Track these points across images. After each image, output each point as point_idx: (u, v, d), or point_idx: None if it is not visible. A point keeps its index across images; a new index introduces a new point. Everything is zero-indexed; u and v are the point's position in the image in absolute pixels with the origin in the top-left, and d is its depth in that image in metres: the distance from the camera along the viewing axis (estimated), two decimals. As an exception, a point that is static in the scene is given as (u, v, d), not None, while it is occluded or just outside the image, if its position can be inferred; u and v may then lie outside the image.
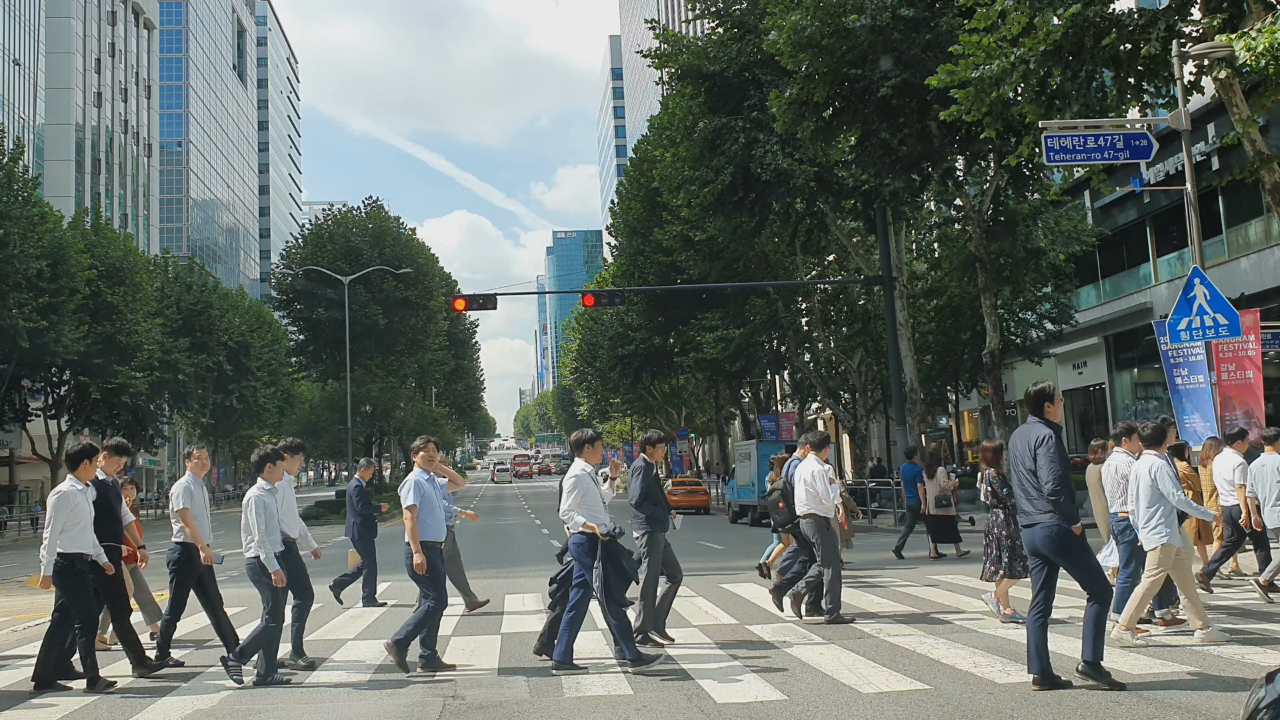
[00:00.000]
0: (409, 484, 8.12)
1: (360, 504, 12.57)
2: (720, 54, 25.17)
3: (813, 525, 9.95)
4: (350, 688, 7.62)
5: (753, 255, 34.06)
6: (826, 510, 9.94)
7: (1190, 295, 13.69)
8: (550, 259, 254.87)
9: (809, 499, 9.97)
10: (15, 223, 36.09)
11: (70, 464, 7.96)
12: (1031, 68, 14.52)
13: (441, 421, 71.02)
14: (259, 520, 7.71)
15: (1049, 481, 6.56)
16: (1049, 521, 6.60)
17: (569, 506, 8.02)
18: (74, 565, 7.68)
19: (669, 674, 7.62)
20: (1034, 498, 6.71)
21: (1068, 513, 6.58)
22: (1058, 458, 6.61)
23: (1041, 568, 6.79)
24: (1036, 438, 6.71)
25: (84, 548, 7.73)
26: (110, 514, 8.41)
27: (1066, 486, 6.60)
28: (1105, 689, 6.49)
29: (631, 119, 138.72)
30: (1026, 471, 6.75)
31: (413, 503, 7.96)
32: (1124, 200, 29.05)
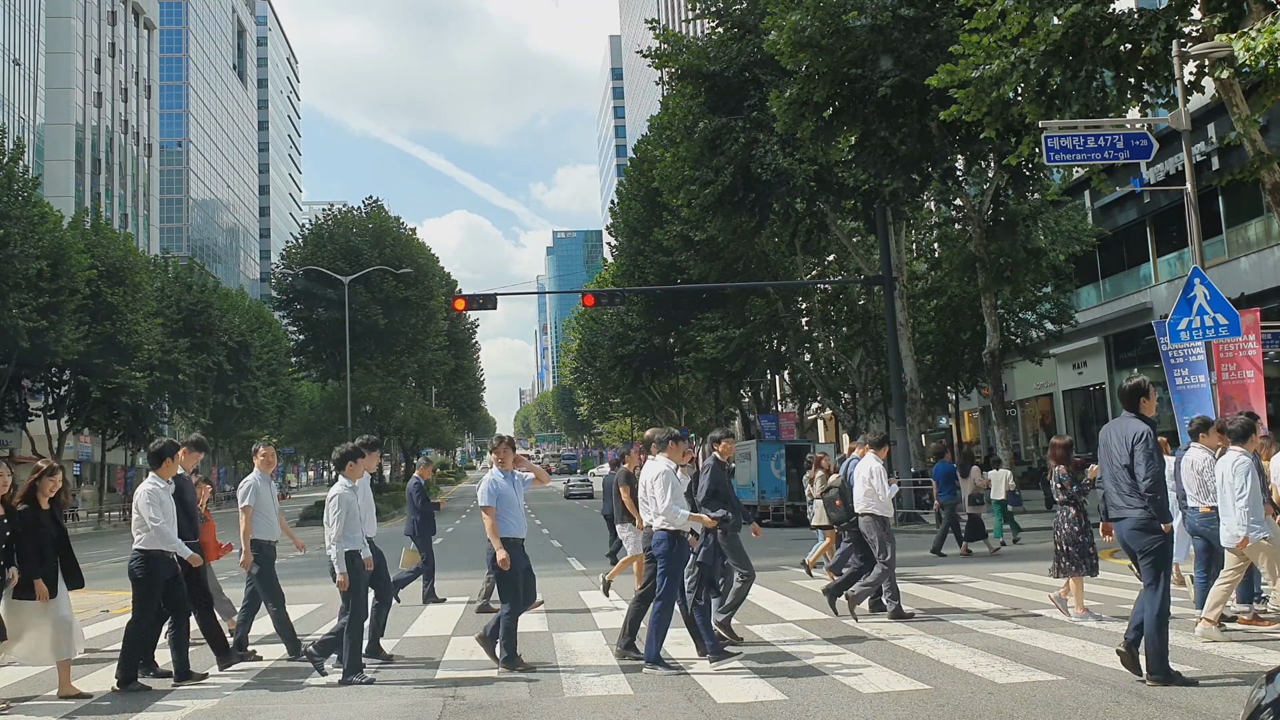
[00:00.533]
0: (484, 485, 8.25)
1: (420, 501, 12.67)
2: (720, 54, 25.17)
3: (872, 523, 10.02)
4: (350, 688, 7.62)
5: (753, 255, 34.06)
6: (885, 509, 10.02)
7: (1190, 295, 13.68)
8: (550, 259, 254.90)
9: (867, 497, 10.05)
10: (15, 223, 36.10)
11: (153, 462, 8.01)
12: (1031, 68, 14.52)
13: (441, 421, 71.08)
14: (340, 518, 7.72)
15: (1146, 478, 6.59)
16: (1139, 516, 6.66)
17: (668, 503, 7.92)
18: (156, 561, 7.74)
19: (670, 674, 7.62)
20: (1126, 493, 6.74)
21: (1162, 509, 6.64)
22: (1155, 454, 6.65)
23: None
24: (1134, 434, 6.70)
25: (164, 545, 7.76)
26: (187, 510, 8.46)
27: (1162, 484, 6.65)
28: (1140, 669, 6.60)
29: (631, 119, 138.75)
30: (1120, 467, 6.76)
31: (487, 503, 8.07)
32: (1124, 200, 29.05)
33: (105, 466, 54.47)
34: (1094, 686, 6.70)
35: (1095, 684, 6.76)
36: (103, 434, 51.01)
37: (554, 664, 8.24)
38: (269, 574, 8.72)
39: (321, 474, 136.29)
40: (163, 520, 7.71)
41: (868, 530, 10.03)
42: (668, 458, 8.19)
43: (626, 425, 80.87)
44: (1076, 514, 9.63)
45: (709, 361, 37.40)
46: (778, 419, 44.33)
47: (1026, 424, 37.66)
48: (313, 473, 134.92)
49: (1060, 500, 9.83)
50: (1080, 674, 7.08)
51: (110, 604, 14.14)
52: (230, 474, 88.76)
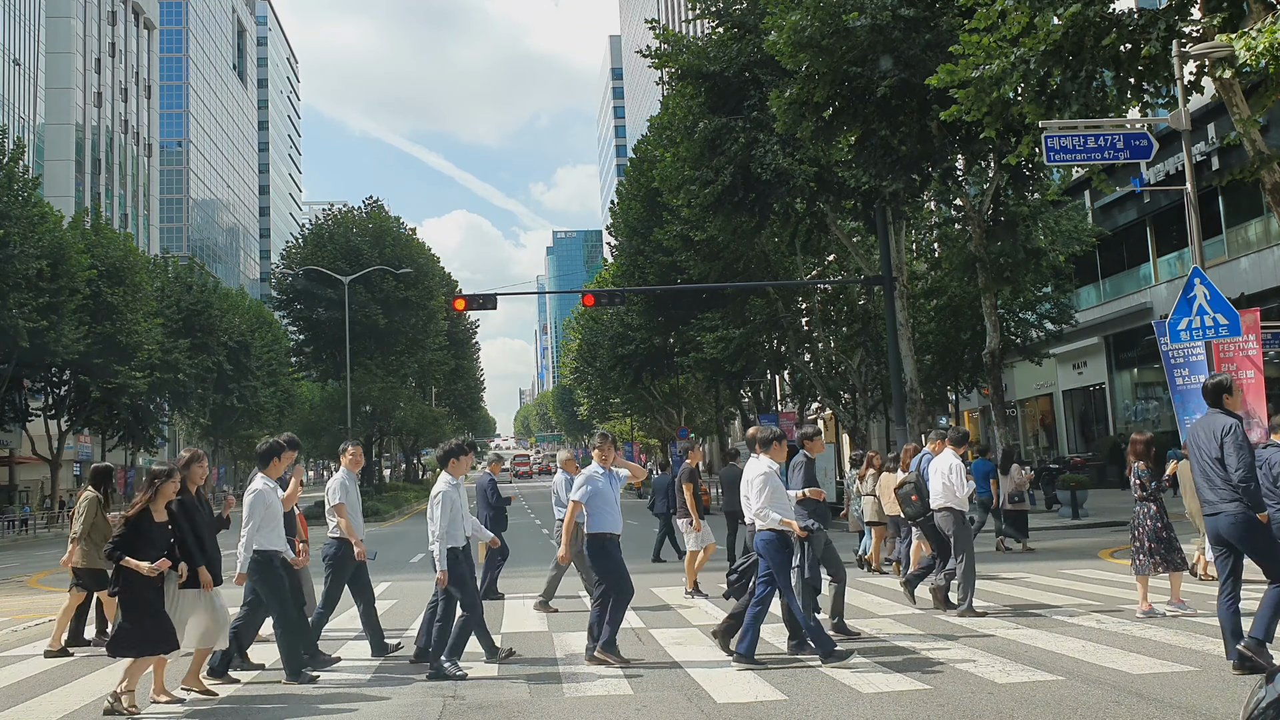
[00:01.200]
0: (579, 482, 8.39)
1: (494, 497, 12.92)
2: (720, 54, 25.14)
3: (949, 518, 10.15)
4: (350, 687, 7.62)
5: (753, 255, 34.03)
6: (962, 504, 10.16)
7: (1190, 295, 13.67)
8: (550, 259, 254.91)
9: (945, 493, 10.18)
10: (15, 223, 36.09)
11: (261, 462, 8.06)
12: (1031, 68, 14.51)
13: (441, 421, 71.02)
14: (444, 515, 7.77)
15: (1238, 469, 6.68)
16: (1235, 509, 6.71)
17: (762, 504, 7.92)
18: (270, 562, 7.77)
19: (669, 673, 7.62)
20: (1218, 486, 6.80)
21: (1256, 500, 6.71)
22: (1245, 446, 6.74)
23: (1226, 556, 6.92)
24: (1223, 427, 6.81)
25: (278, 545, 7.82)
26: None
27: (1254, 473, 6.75)
28: (1264, 667, 6.50)
29: (631, 119, 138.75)
30: (1211, 461, 6.84)
31: (580, 499, 8.22)
32: (1124, 200, 29.06)
33: (105, 466, 54.41)
34: (1094, 686, 6.70)
35: (1095, 684, 6.76)
36: (103, 434, 51.00)
37: (554, 664, 8.24)
38: (341, 575, 8.72)
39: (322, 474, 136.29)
40: (257, 525, 7.72)
41: (944, 525, 10.22)
42: (770, 458, 8.19)
43: (626, 425, 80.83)
44: (1157, 510, 9.71)
45: (709, 361, 37.37)
46: (778, 419, 44.33)
47: (1026, 424, 37.67)
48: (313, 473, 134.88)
49: (1139, 497, 9.89)
50: (1080, 674, 7.09)
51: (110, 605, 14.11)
52: (230, 474, 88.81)
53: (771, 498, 7.96)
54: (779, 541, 7.88)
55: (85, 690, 7.82)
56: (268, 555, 7.74)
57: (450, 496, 7.86)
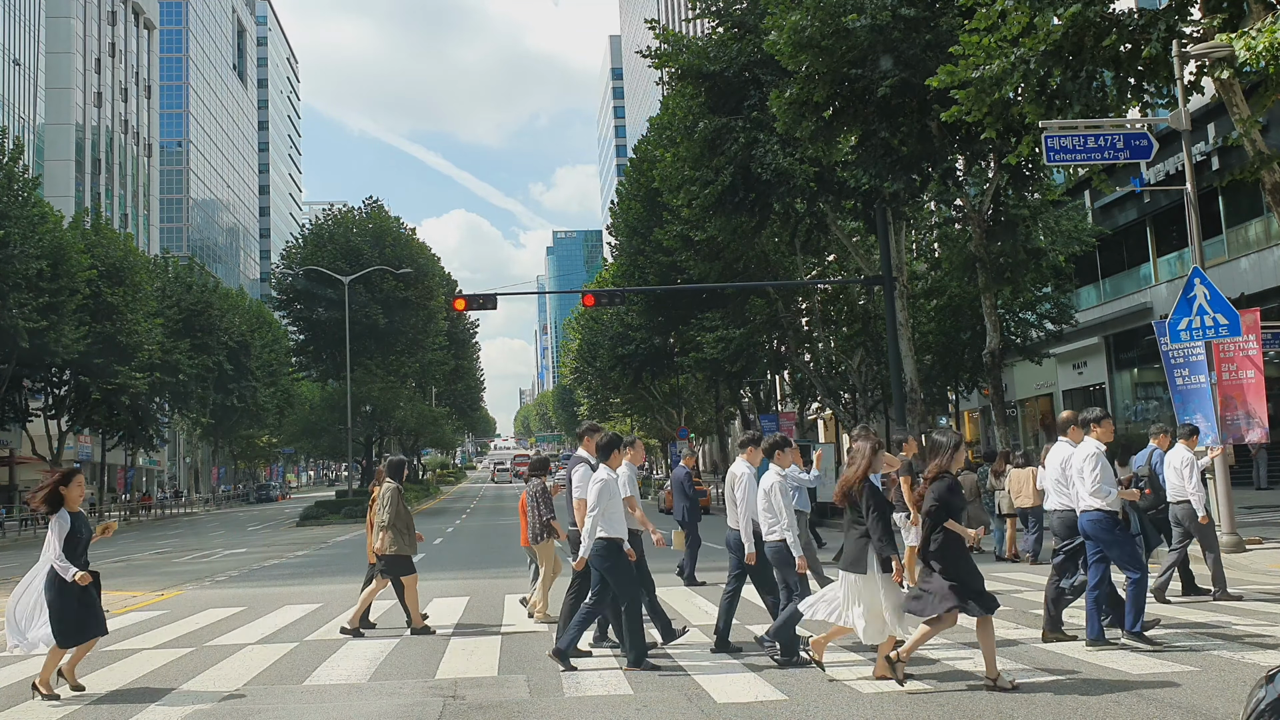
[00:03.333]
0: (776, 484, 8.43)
1: (690, 488, 13.53)
2: (720, 54, 25.14)
3: (1187, 510, 10.47)
4: (350, 687, 7.62)
5: (753, 255, 34.02)
6: (1197, 498, 10.49)
7: (1190, 295, 13.68)
8: (550, 259, 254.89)
9: (1182, 486, 10.52)
10: (15, 223, 36.10)
11: (602, 454, 8.25)
12: (1032, 68, 14.52)
13: (441, 421, 71.02)
14: (786, 504, 7.82)
15: None
16: None
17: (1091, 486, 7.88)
18: (617, 548, 7.89)
19: (669, 674, 7.62)
20: None
21: None
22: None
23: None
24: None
25: (620, 532, 7.94)
26: None
27: None
28: None
29: (631, 119, 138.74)
30: None
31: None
32: (1124, 200, 29.05)
33: (105, 466, 54.48)
34: (1094, 686, 6.70)
35: (1095, 684, 6.76)
36: (103, 434, 51.01)
37: (554, 664, 8.23)
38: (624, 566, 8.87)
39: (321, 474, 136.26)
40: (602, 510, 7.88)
41: (1184, 518, 10.49)
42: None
43: (626, 425, 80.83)
44: None
45: (709, 361, 37.37)
46: (778, 419, 44.31)
47: (1026, 424, 37.66)
48: (313, 472, 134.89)
49: None
50: (1080, 674, 7.09)
51: (110, 604, 14.11)
52: (230, 474, 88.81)
53: (1103, 477, 7.87)
54: (1108, 521, 7.95)
55: (85, 690, 7.82)
56: (615, 542, 7.88)
57: (610, 486, 7.94)
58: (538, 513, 10.78)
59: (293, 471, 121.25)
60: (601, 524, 7.81)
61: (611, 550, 7.84)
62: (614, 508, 7.88)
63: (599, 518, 7.80)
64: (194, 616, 12.13)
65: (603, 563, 7.83)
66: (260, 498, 77.76)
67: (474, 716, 6.57)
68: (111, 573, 20.70)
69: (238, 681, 7.95)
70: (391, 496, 10.16)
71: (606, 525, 7.81)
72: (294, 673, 8.27)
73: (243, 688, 7.73)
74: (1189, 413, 14.09)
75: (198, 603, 13.75)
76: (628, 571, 7.90)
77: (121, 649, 9.82)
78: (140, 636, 10.65)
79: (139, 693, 7.68)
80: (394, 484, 10.34)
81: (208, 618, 11.95)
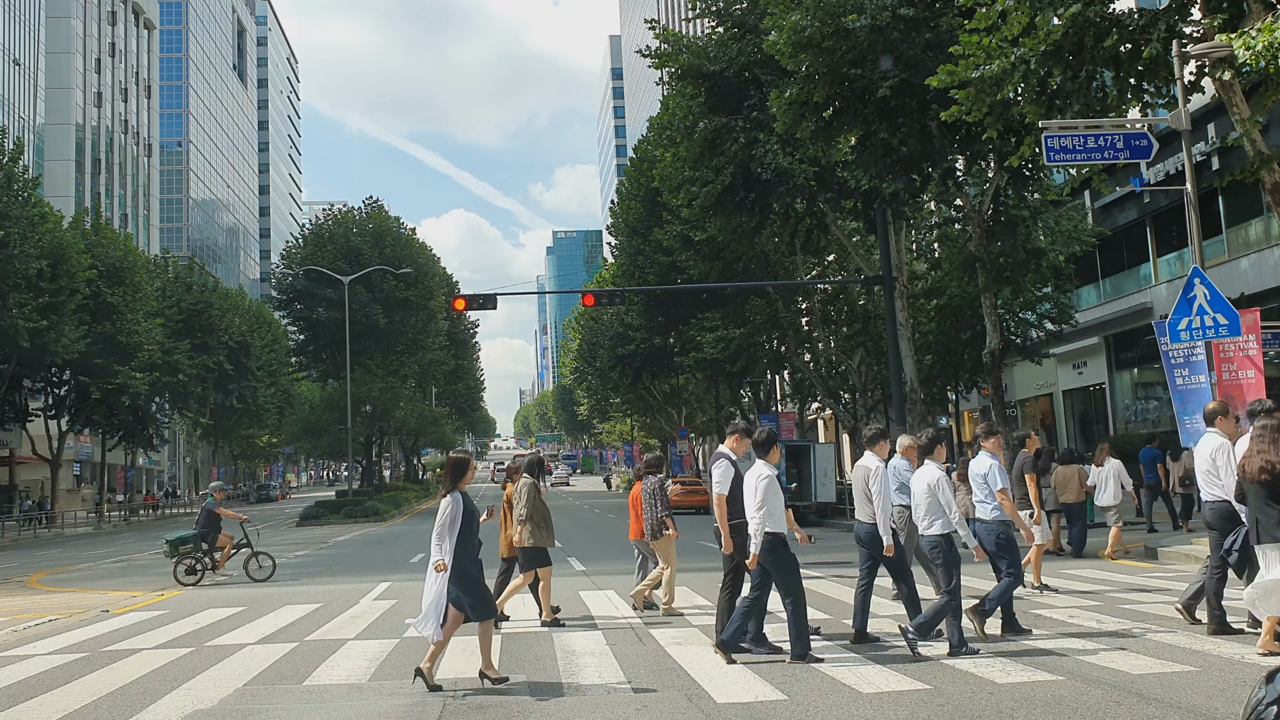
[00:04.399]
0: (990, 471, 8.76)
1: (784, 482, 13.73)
2: (720, 54, 25.14)
3: None
4: (350, 687, 7.62)
5: (753, 255, 34.03)
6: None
7: (1190, 295, 13.68)
8: (550, 259, 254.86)
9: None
10: (15, 223, 36.10)
11: (762, 450, 8.24)
12: (1032, 68, 14.51)
13: (441, 421, 71.02)
14: (769, 498, 7.92)
15: None
16: None
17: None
18: (783, 544, 7.99)
19: (669, 674, 7.62)
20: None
21: None
22: None
23: None
24: None
25: (782, 527, 8.03)
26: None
27: None
28: None
29: (631, 119, 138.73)
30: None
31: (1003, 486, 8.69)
32: (1124, 200, 29.05)
33: (105, 466, 54.47)
34: (1094, 686, 6.70)
35: (1095, 684, 6.76)
36: (103, 434, 51.00)
37: (554, 664, 8.24)
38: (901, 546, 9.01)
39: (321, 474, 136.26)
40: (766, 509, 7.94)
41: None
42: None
43: (626, 425, 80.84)
44: None
45: (709, 361, 37.37)
46: (778, 419, 44.33)
47: (1026, 424, 37.64)
48: (312, 472, 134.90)
49: None
50: (1080, 674, 7.08)
51: (110, 604, 14.14)
52: (230, 474, 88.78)
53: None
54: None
55: (85, 690, 7.82)
56: (779, 537, 7.97)
57: (774, 482, 8.01)
58: (653, 509, 11.00)
59: (292, 471, 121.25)
60: (767, 520, 7.90)
61: (776, 545, 7.92)
62: (777, 503, 7.97)
63: (766, 515, 7.88)
64: (194, 616, 12.13)
65: (768, 557, 7.92)
66: (260, 498, 77.79)
67: (474, 716, 6.57)
68: (111, 573, 20.73)
69: (238, 681, 7.95)
70: (530, 491, 10.45)
71: (772, 521, 7.90)
72: (294, 673, 8.27)
73: (243, 688, 7.72)
74: (1189, 413, 14.10)
75: (198, 603, 13.75)
76: (793, 566, 8.01)
77: (121, 649, 9.82)
78: (140, 636, 10.65)
79: (139, 693, 7.68)
80: (531, 479, 10.64)
81: (208, 618, 11.95)
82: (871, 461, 8.49)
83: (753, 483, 7.98)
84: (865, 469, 8.52)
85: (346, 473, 63.28)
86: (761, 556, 7.93)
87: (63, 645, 10.22)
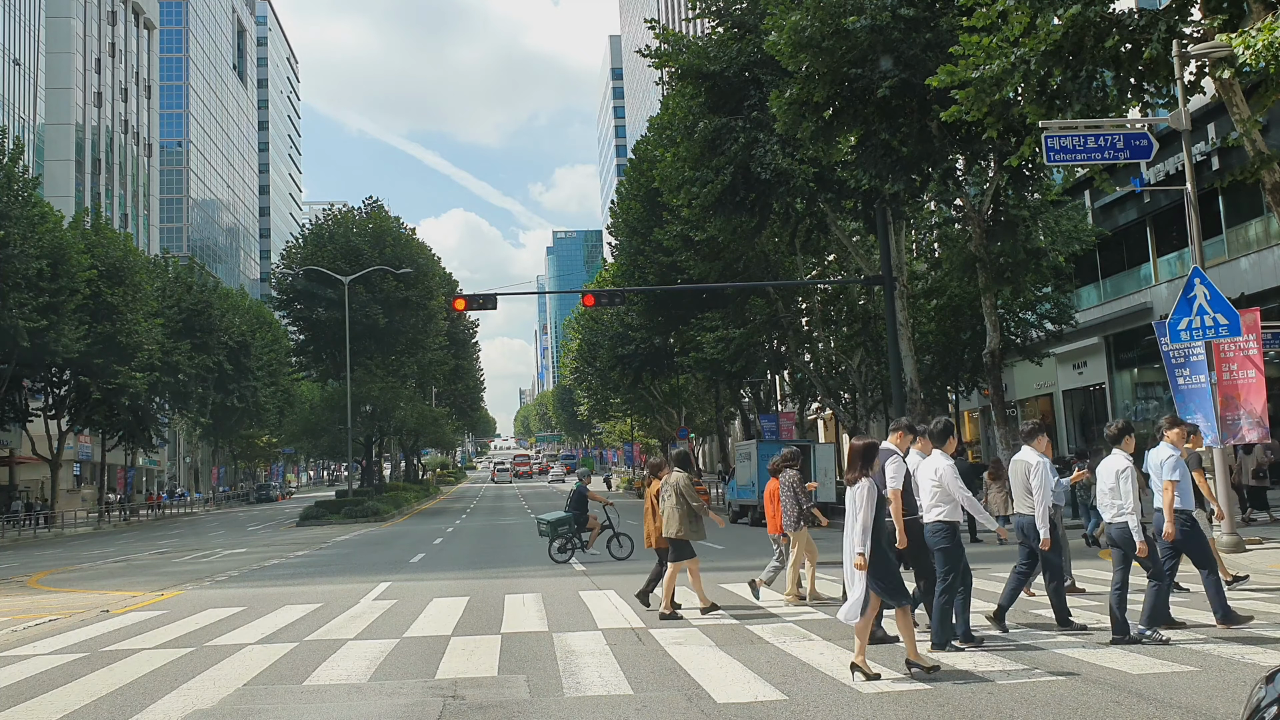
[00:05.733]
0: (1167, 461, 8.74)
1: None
2: (720, 54, 25.15)
3: None
4: (350, 687, 7.62)
5: (753, 255, 34.04)
6: None
7: (1190, 295, 13.67)
8: (550, 259, 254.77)
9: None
10: (15, 223, 36.11)
11: (938, 440, 8.44)
12: (1032, 68, 14.51)
13: (441, 421, 71.02)
14: (1132, 489, 8.02)
15: None
16: None
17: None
18: (954, 531, 8.17)
19: (669, 674, 7.62)
20: None
21: None
22: None
23: None
24: None
25: (956, 516, 8.20)
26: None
27: None
28: None
29: (631, 119, 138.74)
30: None
31: (1175, 478, 8.64)
32: (1124, 200, 29.05)
33: (105, 466, 54.47)
34: (1094, 686, 6.70)
35: (1095, 684, 6.76)
36: (103, 434, 51.00)
37: (554, 664, 8.23)
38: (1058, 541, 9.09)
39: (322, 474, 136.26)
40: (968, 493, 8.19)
41: None
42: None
43: (626, 425, 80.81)
44: None
45: (709, 361, 37.38)
46: (778, 419, 44.33)
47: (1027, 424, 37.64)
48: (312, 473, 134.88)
49: None
50: (1080, 674, 7.09)
51: (110, 604, 14.13)
52: (230, 474, 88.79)
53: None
54: None
55: (85, 690, 7.82)
56: (953, 526, 8.15)
57: (954, 471, 8.14)
58: (796, 503, 11.39)
59: (292, 472, 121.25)
60: (943, 509, 8.10)
61: (951, 533, 8.14)
62: (963, 493, 8.17)
63: (956, 505, 8.09)
64: (194, 616, 12.13)
65: (941, 542, 8.09)
66: (260, 498, 77.81)
67: (474, 716, 6.56)
68: (111, 573, 20.73)
69: (238, 681, 7.94)
70: (686, 485, 10.83)
71: (950, 510, 8.12)
72: (294, 673, 8.27)
73: (243, 688, 7.72)
74: (1189, 412, 14.10)
75: (198, 603, 13.75)
76: (959, 558, 8.14)
77: (121, 649, 9.82)
78: (140, 636, 10.65)
79: (139, 693, 7.68)
80: (684, 474, 11.03)
81: (208, 618, 11.95)
82: (1031, 456, 8.66)
83: (930, 473, 8.18)
84: (1025, 463, 8.69)
85: (346, 473, 63.29)
86: (932, 540, 8.13)
87: (63, 645, 10.22)
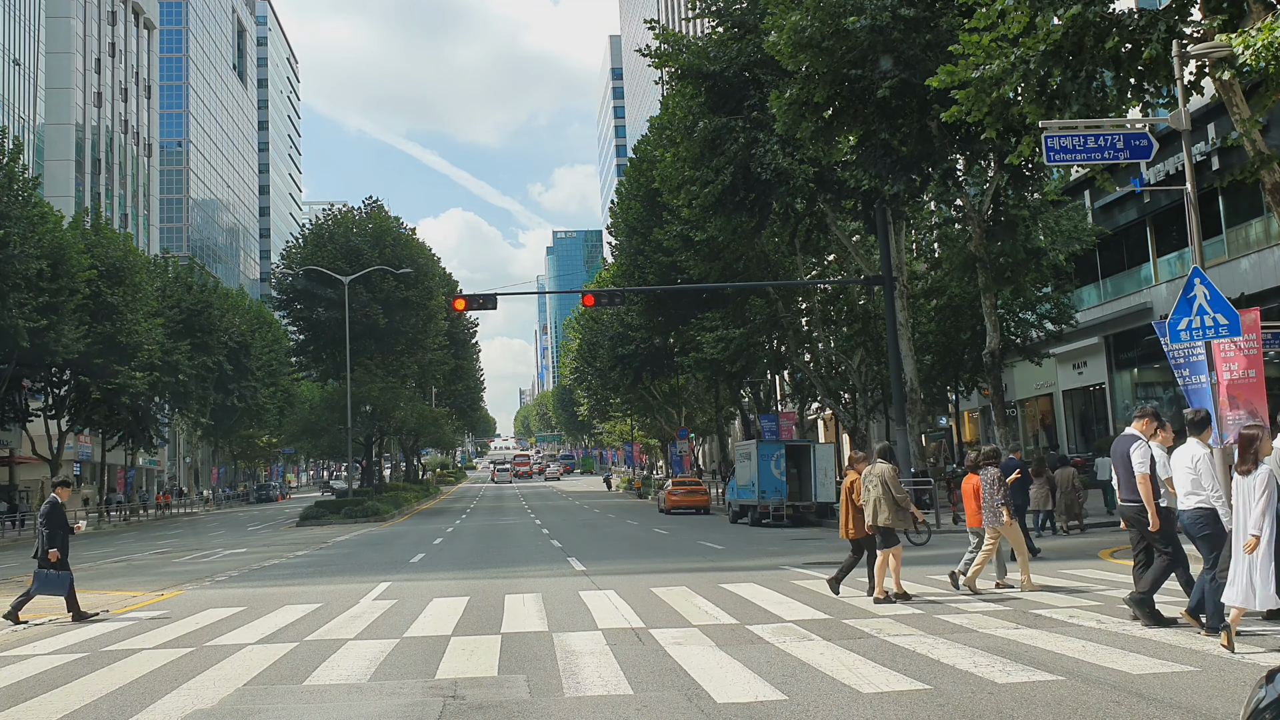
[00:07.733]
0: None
1: None
2: (720, 54, 25.17)
3: None
4: (350, 687, 7.62)
5: (753, 255, 34.06)
6: None
7: (1190, 295, 13.66)
8: (550, 259, 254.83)
9: None
10: (15, 223, 36.09)
11: (1196, 429, 8.72)
12: (1032, 68, 14.52)
13: (441, 421, 71.00)
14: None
15: None
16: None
17: None
18: (1214, 517, 8.39)
19: (669, 674, 7.62)
20: None
21: None
22: None
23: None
24: None
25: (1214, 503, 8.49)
26: None
27: None
28: None
29: (631, 119, 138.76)
30: None
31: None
32: (1124, 200, 29.06)
33: (105, 466, 54.47)
34: (1094, 686, 6.70)
35: (1095, 684, 6.76)
36: (103, 434, 51.00)
37: (554, 664, 8.23)
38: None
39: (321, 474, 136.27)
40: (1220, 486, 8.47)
41: None
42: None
43: (626, 425, 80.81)
44: None
45: (709, 361, 37.39)
46: (778, 419, 44.34)
47: (1027, 424, 37.66)
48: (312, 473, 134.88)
49: None
50: (1080, 674, 7.08)
51: (110, 604, 14.13)
52: (230, 474, 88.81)
53: None
54: None
55: (85, 690, 7.82)
56: (1212, 512, 8.36)
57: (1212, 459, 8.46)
58: (994, 498, 11.88)
59: (292, 472, 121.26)
60: (1200, 496, 8.38)
61: (1212, 519, 8.37)
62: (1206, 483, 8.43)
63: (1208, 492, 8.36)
64: (194, 616, 12.13)
65: (1203, 529, 8.40)
66: (260, 498, 77.82)
67: (474, 716, 6.56)
68: (111, 573, 20.72)
69: (238, 681, 7.94)
70: (891, 476, 11.37)
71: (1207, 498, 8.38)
72: (294, 673, 8.27)
73: (243, 688, 7.72)
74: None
75: (198, 603, 13.75)
76: (1220, 542, 8.34)
77: (121, 649, 9.82)
78: (140, 636, 10.65)
79: (139, 693, 7.67)
80: (888, 465, 11.56)
81: (208, 618, 11.95)
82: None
83: (1186, 461, 8.44)
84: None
85: (345, 472, 63.29)
86: (1190, 528, 8.44)
87: (63, 645, 10.22)
